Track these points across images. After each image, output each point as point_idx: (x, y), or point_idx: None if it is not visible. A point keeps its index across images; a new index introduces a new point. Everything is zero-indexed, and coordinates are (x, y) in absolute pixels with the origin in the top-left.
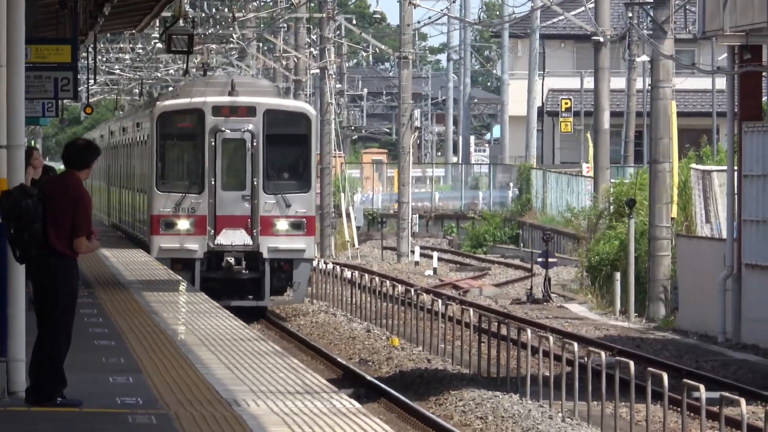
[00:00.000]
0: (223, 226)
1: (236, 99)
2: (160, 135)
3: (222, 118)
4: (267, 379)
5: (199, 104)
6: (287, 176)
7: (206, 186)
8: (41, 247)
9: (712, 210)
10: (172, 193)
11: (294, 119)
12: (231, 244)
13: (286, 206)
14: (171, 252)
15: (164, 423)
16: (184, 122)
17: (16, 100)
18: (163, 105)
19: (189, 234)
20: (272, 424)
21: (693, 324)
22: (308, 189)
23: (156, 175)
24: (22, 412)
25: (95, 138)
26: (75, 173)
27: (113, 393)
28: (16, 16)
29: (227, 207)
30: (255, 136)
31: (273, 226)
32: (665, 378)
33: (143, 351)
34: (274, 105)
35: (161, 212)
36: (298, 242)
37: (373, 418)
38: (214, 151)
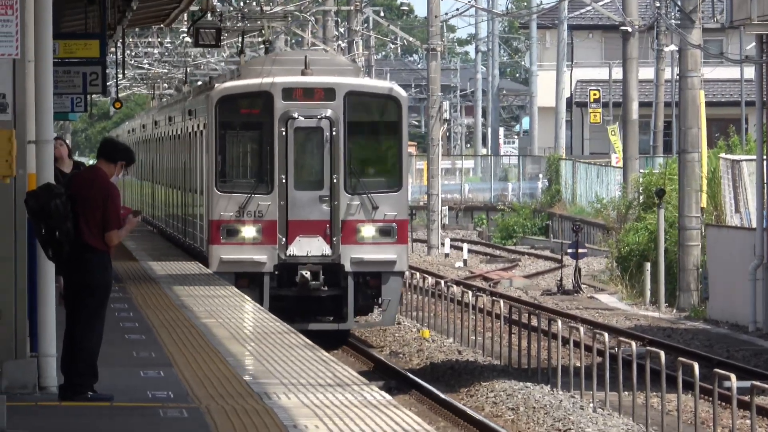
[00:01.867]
0: (297, 233)
1: (311, 79)
2: (221, 123)
3: (294, 102)
4: (298, 372)
5: (266, 86)
6: (374, 172)
7: (276, 185)
8: (74, 243)
9: (742, 199)
10: (234, 194)
11: (381, 103)
12: (306, 254)
13: (372, 208)
14: (234, 265)
15: (195, 417)
16: (249, 107)
17: (44, 96)
18: (223, 87)
19: (256, 243)
20: (303, 417)
21: (723, 313)
22: (399, 188)
23: (215, 172)
24: (53, 406)
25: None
26: (102, 168)
27: (144, 387)
28: (44, 11)
29: (301, 210)
30: (334, 124)
31: (357, 232)
32: (696, 368)
33: (174, 345)
34: (357, 86)
35: (222, 217)
36: (387, 252)
37: (404, 410)
38: (285, 142)
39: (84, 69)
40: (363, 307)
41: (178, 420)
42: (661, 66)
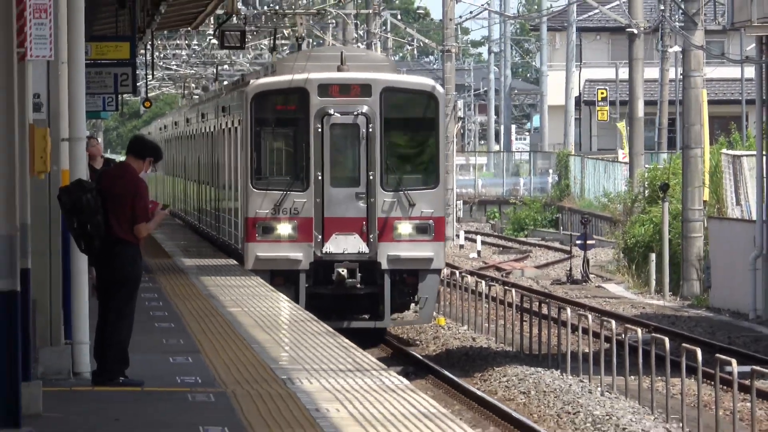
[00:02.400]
0: (333, 230)
1: (347, 75)
2: (256, 120)
3: (330, 98)
4: (319, 358)
5: (302, 82)
6: (410, 169)
7: (312, 182)
8: (104, 237)
9: (742, 193)
10: (270, 191)
11: (418, 99)
12: (343, 252)
13: (409, 205)
14: (270, 262)
15: (222, 401)
16: (284, 104)
17: (76, 95)
18: (258, 84)
19: (292, 240)
20: (325, 401)
21: (725, 302)
22: (436, 184)
23: (251, 169)
24: (86, 391)
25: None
26: (131, 164)
27: (173, 373)
28: (76, 15)
29: (337, 207)
30: (371, 120)
31: (394, 230)
32: (699, 353)
33: (201, 332)
34: (393, 82)
35: (258, 214)
36: (424, 249)
37: (421, 394)
38: (320, 138)
39: (115, 70)
40: (399, 304)
41: (205, 404)
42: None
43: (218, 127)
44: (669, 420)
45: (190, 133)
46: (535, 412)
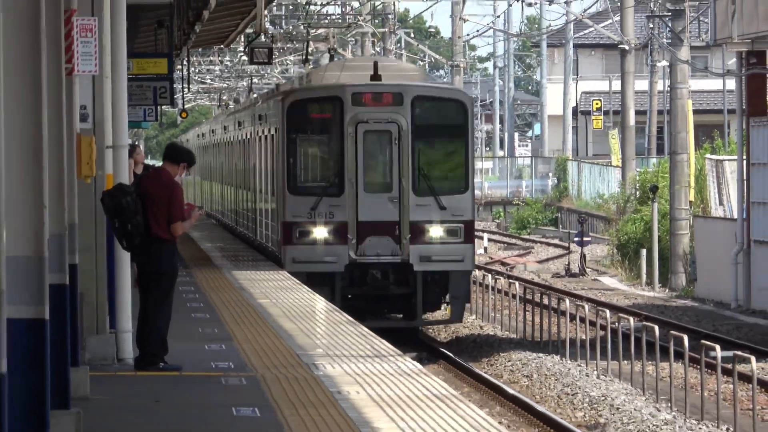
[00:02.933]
0: (367, 233)
1: (380, 84)
2: (291, 127)
3: (363, 106)
4: (341, 345)
5: (336, 90)
6: (441, 174)
7: (346, 187)
8: (144, 235)
9: (725, 194)
10: (305, 196)
11: (448, 107)
12: (376, 254)
13: (440, 209)
14: (307, 265)
15: (252, 384)
16: (319, 112)
17: (119, 106)
18: (294, 93)
19: (327, 244)
20: (345, 384)
21: (709, 293)
22: (465, 189)
23: (287, 174)
24: (129, 376)
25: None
26: (167, 169)
27: (208, 359)
28: (119, 34)
29: (371, 211)
30: (402, 128)
31: (425, 233)
32: (686, 340)
33: (234, 322)
34: (424, 91)
35: (294, 218)
36: (454, 251)
37: (433, 377)
38: (354, 145)
39: (154, 84)
40: (431, 304)
41: (237, 387)
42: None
43: (254, 134)
44: (659, 400)
45: (227, 140)
46: (537, 394)
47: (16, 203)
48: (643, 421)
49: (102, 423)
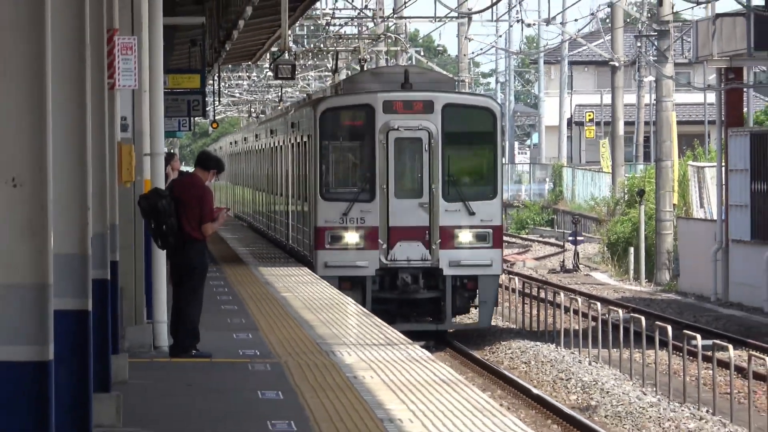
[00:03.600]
0: (398, 238)
1: (410, 93)
2: (324, 135)
3: (394, 114)
4: (356, 334)
5: (368, 99)
6: (470, 180)
7: (377, 193)
8: (177, 235)
9: (705, 197)
10: (338, 202)
11: (477, 115)
12: (407, 259)
13: (469, 215)
14: (338, 269)
15: (276, 370)
16: (351, 120)
17: (156, 118)
18: (326, 101)
19: (358, 248)
20: (361, 369)
21: (691, 287)
22: (494, 195)
23: (320, 181)
24: (165, 362)
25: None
26: (198, 175)
27: (236, 346)
28: (156, 52)
29: (402, 217)
30: (433, 135)
31: (454, 237)
32: (669, 330)
33: (259, 313)
34: (454, 99)
35: (326, 224)
36: (483, 256)
37: (441, 363)
38: (386, 152)
39: (188, 97)
40: (460, 308)
41: (263, 372)
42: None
43: (287, 141)
44: (645, 385)
45: (259, 148)
46: (535, 379)
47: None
48: (630, 404)
49: (139, 405)
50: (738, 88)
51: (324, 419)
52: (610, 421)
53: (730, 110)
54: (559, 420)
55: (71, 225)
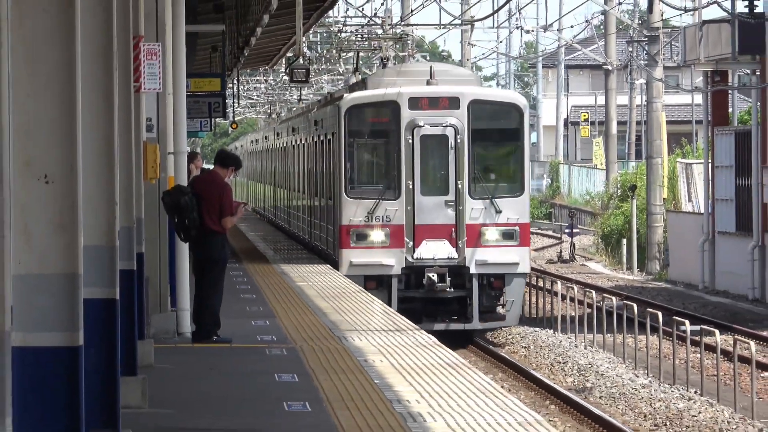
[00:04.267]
0: (424, 236)
1: (436, 89)
2: (349, 132)
3: (420, 110)
4: (367, 321)
5: (393, 95)
6: (497, 178)
7: (403, 190)
8: (199, 228)
9: (693, 192)
10: (363, 200)
11: (503, 111)
12: (433, 257)
13: (496, 212)
14: (364, 268)
15: (292, 354)
16: (377, 116)
17: (179, 119)
18: (351, 97)
19: (384, 247)
20: (370, 353)
21: (680, 276)
22: (521, 192)
23: (344, 178)
24: (188, 347)
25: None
26: (218, 172)
27: (254, 333)
28: (179, 57)
29: (428, 215)
30: (459, 132)
31: (481, 235)
32: (660, 316)
33: (276, 301)
34: (480, 95)
35: (351, 222)
36: (510, 254)
37: (445, 348)
38: (411, 149)
39: (209, 99)
40: (486, 307)
41: (279, 356)
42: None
43: (309, 139)
44: (637, 368)
45: (280, 146)
46: (534, 362)
47: (92, 201)
48: (623, 385)
49: (164, 387)
50: (723, 90)
51: (336, 400)
52: (604, 401)
53: (716, 111)
54: (557, 401)
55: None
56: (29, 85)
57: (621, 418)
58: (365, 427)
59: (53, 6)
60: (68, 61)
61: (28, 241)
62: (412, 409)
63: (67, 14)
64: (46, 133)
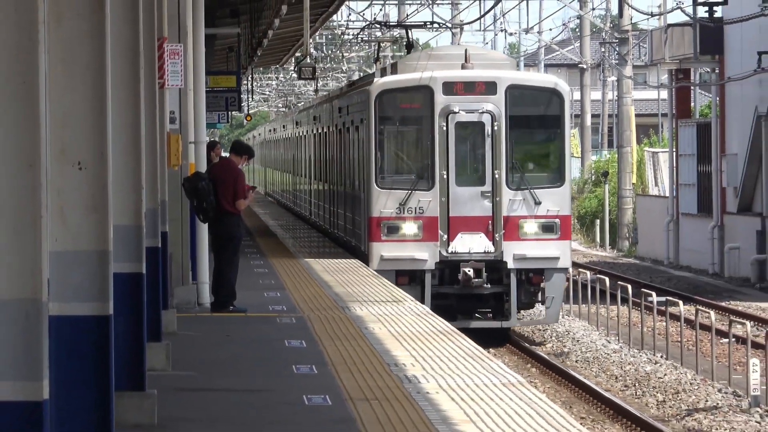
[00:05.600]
0: (459, 229)
1: (472, 73)
2: (380, 118)
3: (455, 96)
4: (367, 293)
5: (426, 80)
6: (536, 167)
7: (437, 181)
8: (216, 210)
9: (659, 178)
10: (394, 191)
11: (543, 97)
12: (468, 251)
13: (535, 204)
14: (395, 263)
15: (300, 322)
16: (409, 102)
17: (199, 112)
18: (381, 82)
19: (417, 240)
20: (370, 322)
21: (647, 253)
22: (561, 182)
23: (375, 168)
24: (207, 316)
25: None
26: (232, 159)
27: (267, 303)
28: (199, 57)
29: (463, 206)
30: (496, 119)
31: (519, 228)
32: (629, 288)
33: (287, 275)
34: (518, 79)
35: (382, 214)
36: (550, 248)
37: (438, 317)
38: (446, 137)
39: (226, 95)
40: (524, 304)
41: (289, 325)
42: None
43: (332, 127)
44: (609, 335)
45: (299, 134)
46: (517, 330)
47: (120, 185)
48: (597, 350)
49: (186, 352)
50: (686, 87)
51: (340, 363)
52: (580, 365)
53: (680, 105)
54: (538, 364)
55: (128, 201)
56: (65, 81)
57: (595, 379)
58: (366, 388)
59: (86, 10)
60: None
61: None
62: (408, 372)
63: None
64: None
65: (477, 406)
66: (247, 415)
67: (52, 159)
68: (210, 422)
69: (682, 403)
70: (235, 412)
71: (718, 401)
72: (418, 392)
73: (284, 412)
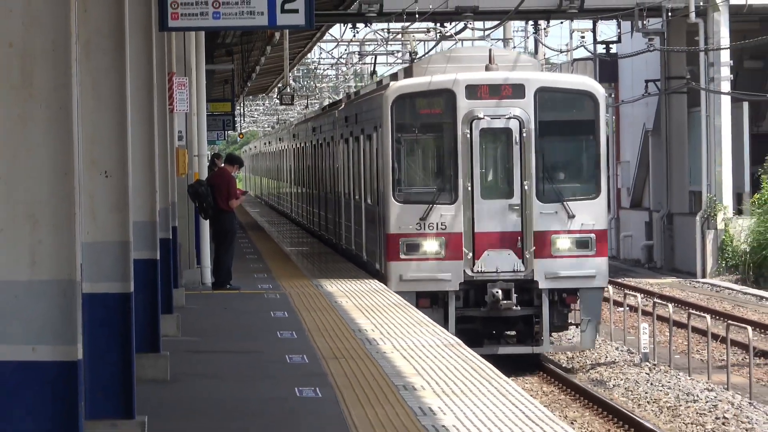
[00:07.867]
0: (485, 246)
1: (497, 75)
2: (397, 126)
3: (479, 100)
4: (335, 271)
5: (447, 83)
6: (569, 177)
7: (460, 193)
8: (214, 209)
9: None
10: (414, 204)
11: (576, 100)
12: (496, 270)
13: (568, 218)
14: (416, 284)
15: (283, 298)
16: (429, 107)
17: (201, 131)
18: (398, 86)
19: (439, 258)
20: (339, 296)
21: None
22: (597, 194)
23: (392, 180)
24: (208, 293)
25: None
26: (226, 168)
27: (256, 283)
28: (201, 88)
29: (489, 221)
30: (524, 125)
31: (552, 245)
32: None
33: (272, 261)
34: (548, 82)
35: (401, 230)
36: (585, 266)
37: (391, 291)
38: (469, 145)
39: (223, 117)
40: (557, 327)
41: (274, 299)
42: None
43: (337, 137)
44: None
45: (296, 146)
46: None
47: (139, 189)
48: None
49: (193, 321)
50: None
51: (315, 330)
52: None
53: None
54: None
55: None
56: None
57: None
58: (335, 349)
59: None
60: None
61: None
62: (368, 336)
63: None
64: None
65: (423, 362)
66: (241, 370)
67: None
68: (212, 377)
69: (587, 359)
70: (231, 368)
71: (616, 357)
72: (377, 352)
73: (271, 368)
